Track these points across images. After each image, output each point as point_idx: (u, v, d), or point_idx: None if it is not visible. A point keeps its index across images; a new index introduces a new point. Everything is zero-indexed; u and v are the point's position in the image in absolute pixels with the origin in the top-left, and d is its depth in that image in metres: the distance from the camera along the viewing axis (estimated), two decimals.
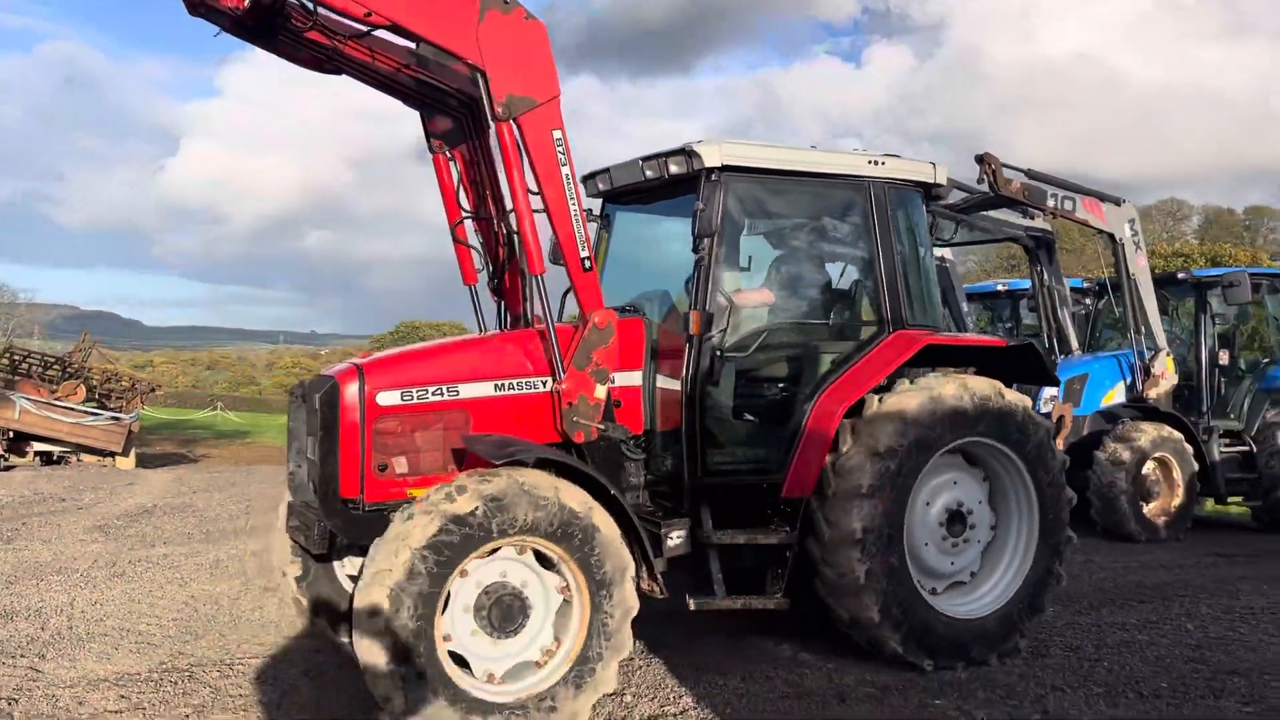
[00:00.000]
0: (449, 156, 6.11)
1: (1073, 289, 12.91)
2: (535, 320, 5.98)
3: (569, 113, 5.28)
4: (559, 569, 4.80)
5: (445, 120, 6.03)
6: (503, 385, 5.39)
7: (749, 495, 5.98)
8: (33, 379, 23.07)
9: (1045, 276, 12.16)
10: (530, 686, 4.68)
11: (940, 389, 5.76)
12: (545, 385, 5.43)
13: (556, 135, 5.20)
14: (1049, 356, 10.20)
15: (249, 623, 6.72)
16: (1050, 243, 12.12)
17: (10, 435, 19.82)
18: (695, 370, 5.70)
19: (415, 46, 5.55)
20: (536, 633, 4.81)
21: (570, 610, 4.80)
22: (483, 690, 4.60)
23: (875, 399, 5.74)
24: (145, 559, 8.86)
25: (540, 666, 4.76)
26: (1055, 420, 10.60)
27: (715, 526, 5.72)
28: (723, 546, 5.73)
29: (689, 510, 5.75)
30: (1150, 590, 8.10)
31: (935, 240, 9.40)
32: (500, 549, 4.70)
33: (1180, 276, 12.26)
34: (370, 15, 4.91)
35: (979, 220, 11.12)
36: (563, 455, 5.06)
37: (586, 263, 5.38)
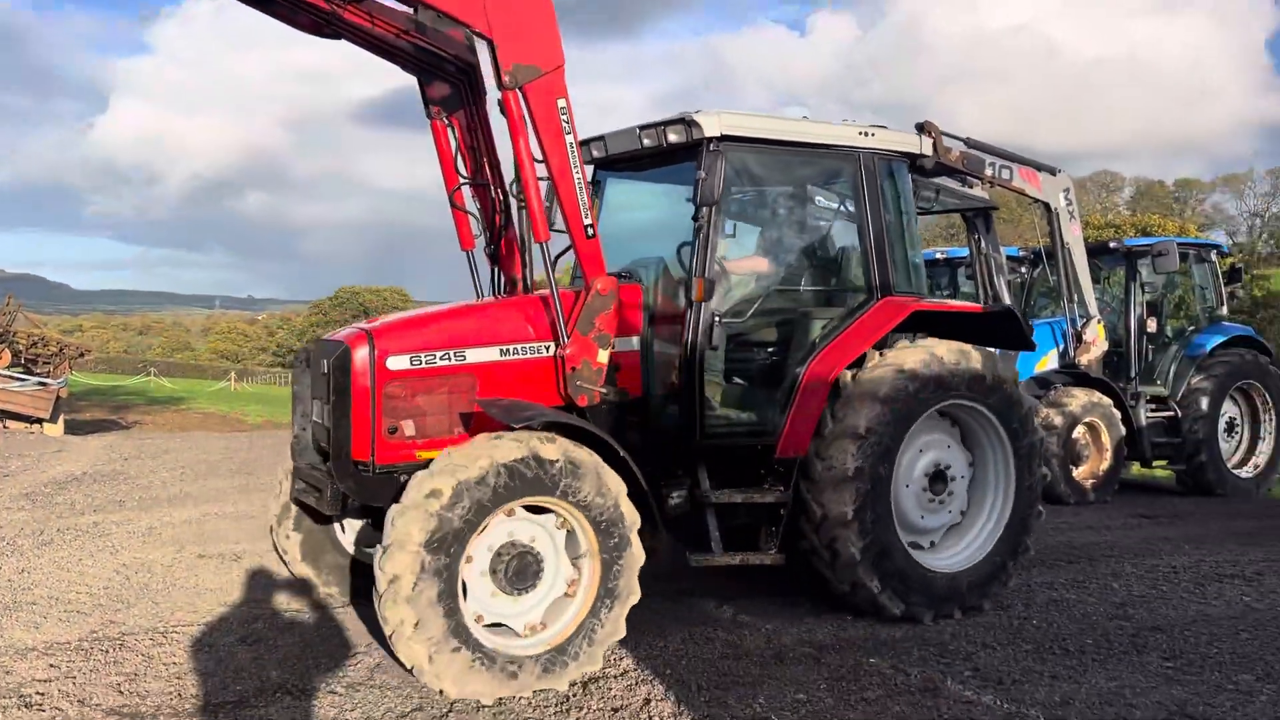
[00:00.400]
0: (446, 123, 6.14)
1: (1009, 258, 13.11)
2: (533, 285, 6.17)
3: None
4: (574, 530, 5.00)
5: (443, 86, 6.05)
6: (508, 350, 5.51)
7: (743, 456, 6.14)
8: None
9: (983, 245, 12.29)
10: (547, 640, 4.92)
11: (935, 351, 6.04)
12: (549, 350, 5.56)
13: (561, 104, 5.30)
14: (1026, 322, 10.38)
15: (183, 590, 6.61)
16: (988, 212, 12.29)
17: None
18: (695, 335, 5.86)
19: (413, 12, 5.52)
20: (551, 584, 5.04)
21: (580, 561, 5.02)
22: (505, 645, 4.83)
23: (876, 354, 6.01)
24: (74, 527, 8.66)
25: (563, 614, 5.00)
26: None
27: (712, 487, 5.91)
28: (720, 505, 5.90)
29: (687, 471, 5.93)
30: (1078, 550, 8.34)
31: (918, 209, 9.55)
32: (514, 511, 4.90)
33: (1112, 246, 12.54)
34: None
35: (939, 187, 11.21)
36: (576, 419, 5.19)
37: (589, 230, 5.49)
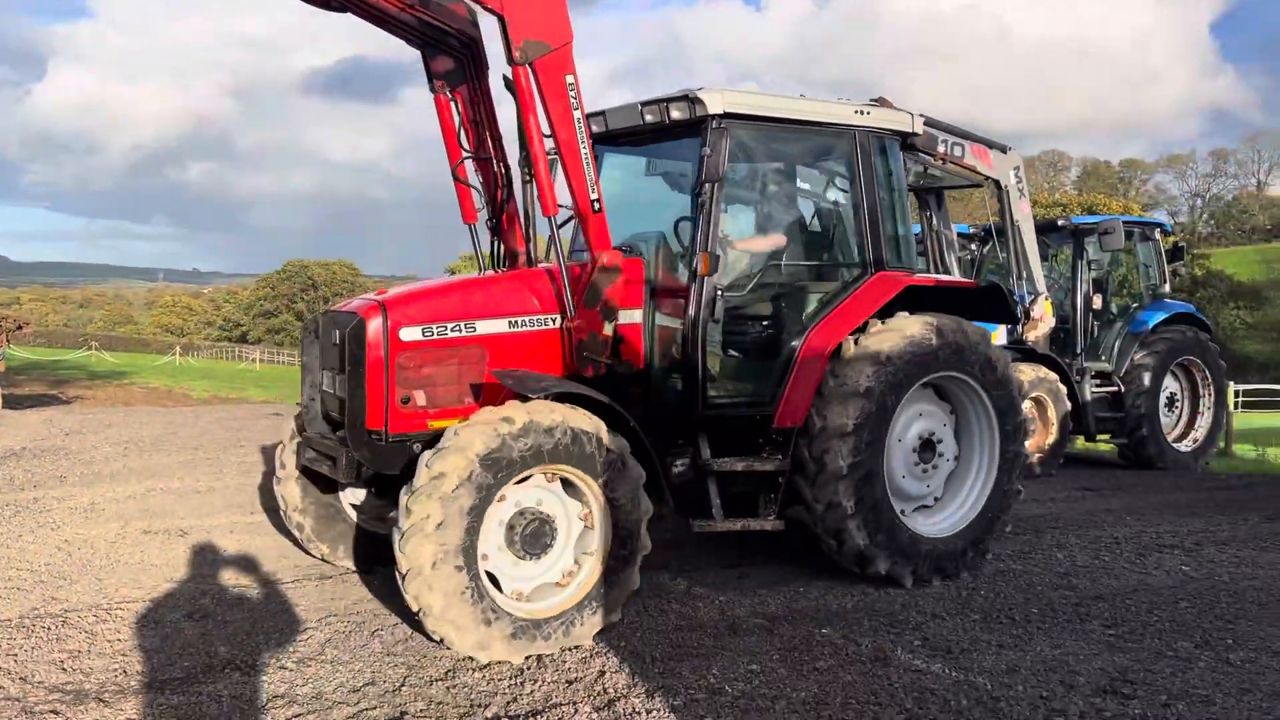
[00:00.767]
0: (450, 97, 6.17)
1: (959, 234, 13.25)
2: (536, 259, 6.31)
3: None
4: (582, 494, 5.16)
5: (447, 60, 6.08)
6: (517, 322, 5.62)
7: (742, 426, 6.29)
8: None
9: (934, 222, 12.43)
10: (564, 600, 5.10)
11: (928, 322, 6.28)
12: (555, 322, 5.68)
13: (569, 80, 5.38)
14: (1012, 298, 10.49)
15: (127, 566, 6.48)
16: (940, 190, 12.40)
17: None
18: (698, 309, 5.96)
19: None
20: (563, 549, 5.22)
21: (591, 530, 5.18)
22: (516, 607, 4.97)
23: (878, 323, 6.22)
24: (13, 503, 8.44)
25: (567, 583, 5.17)
26: None
27: (711, 456, 6.07)
28: (721, 473, 6.05)
29: (688, 440, 6.08)
30: (1023, 522, 8.48)
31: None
32: (531, 477, 5.03)
33: (1060, 224, 12.72)
34: None
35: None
36: (590, 390, 5.28)
37: (596, 204, 5.59)
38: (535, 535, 5.08)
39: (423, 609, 4.71)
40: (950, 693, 4.53)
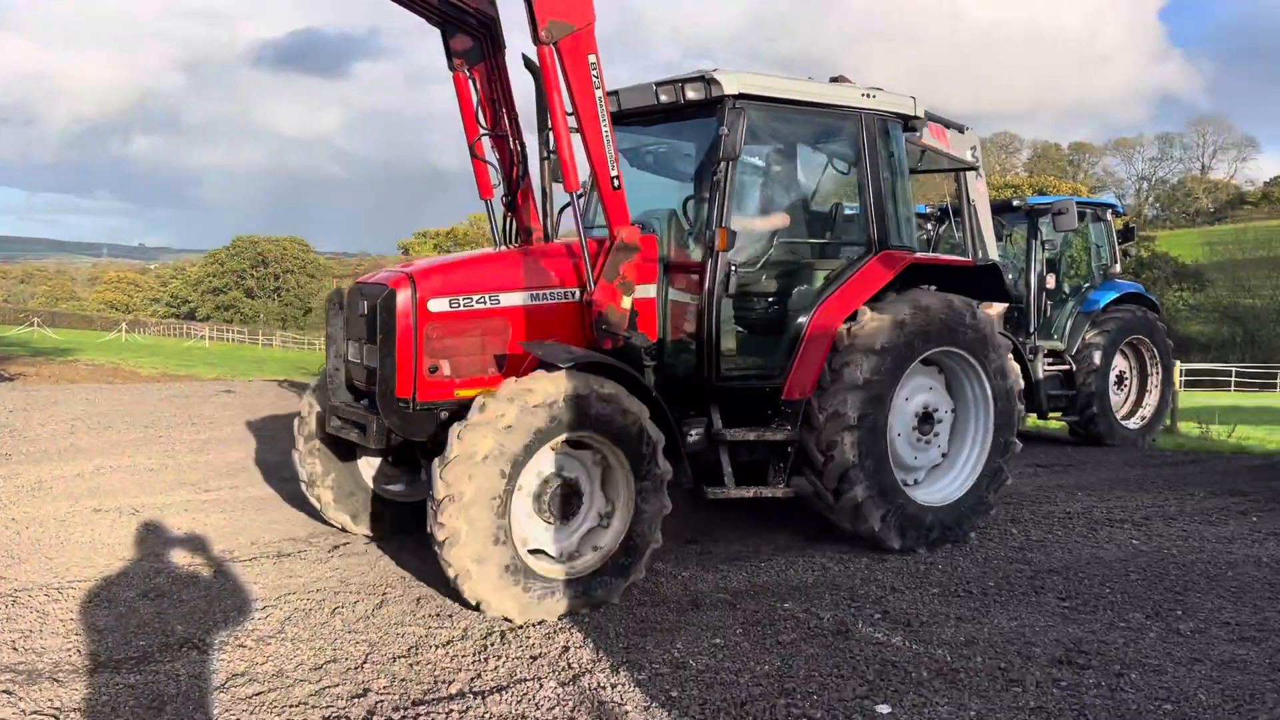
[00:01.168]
0: (468, 75, 6.29)
1: (916, 214, 13.33)
2: (553, 234, 6.44)
3: (411, 26, 5.29)
4: (605, 459, 5.38)
5: (465, 39, 6.20)
6: (538, 295, 5.79)
7: (751, 398, 6.51)
8: None
9: None
10: (593, 560, 5.32)
11: (925, 300, 6.57)
12: (574, 296, 5.85)
13: (592, 59, 5.50)
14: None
15: (78, 545, 6.35)
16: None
17: None
18: (713, 284, 6.16)
19: None
20: (587, 513, 5.43)
21: (615, 493, 5.42)
22: (546, 569, 5.18)
23: (876, 302, 6.46)
24: None
25: (594, 543, 5.41)
26: None
27: (723, 426, 6.30)
28: (733, 443, 6.27)
29: (699, 411, 6.31)
30: None
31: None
32: (558, 444, 5.19)
33: (1015, 204, 12.85)
34: None
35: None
36: (617, 362, 5.49)
37: (615, 181, 5.71)
38: (562, 500, 5.29)
39: (460, 576, 4.90)
40: (911, 664, 4.59)
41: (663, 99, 6.39)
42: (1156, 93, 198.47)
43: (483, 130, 6.38)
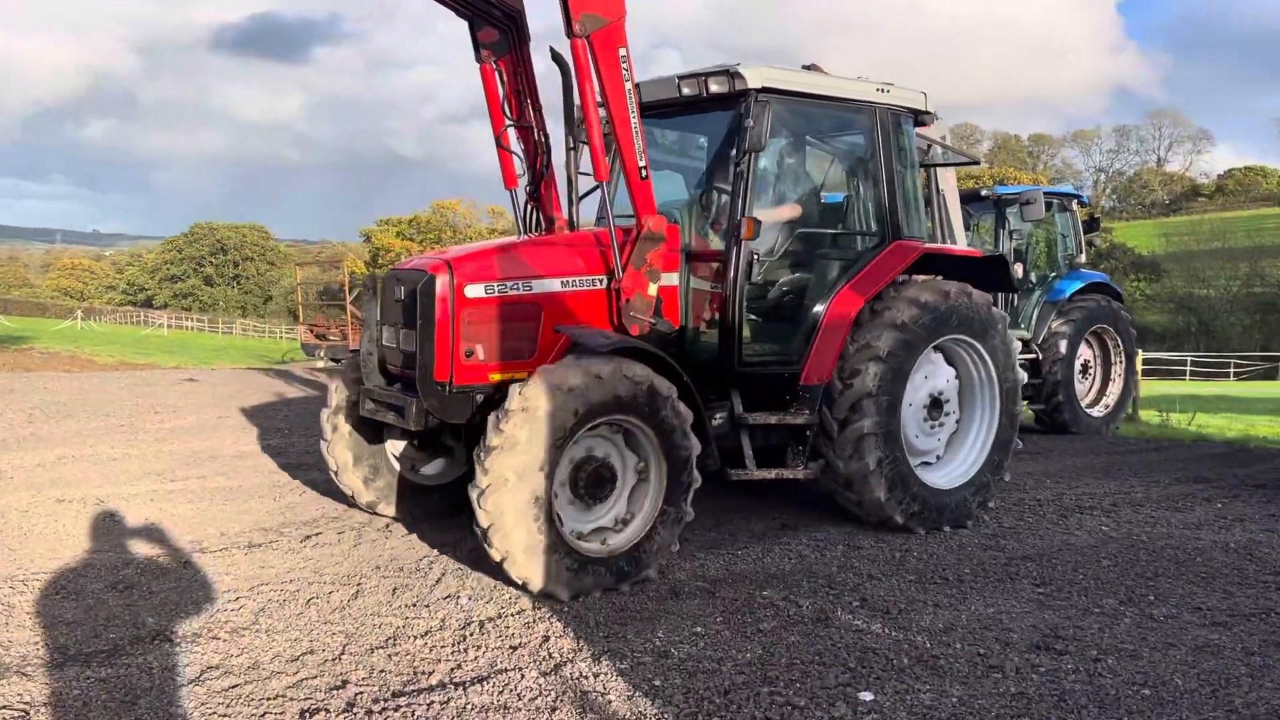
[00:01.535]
0: (494, 67, 6.42)
1: None
2: (564, 223, 6.68)
3: (372, 10, 5.27)
4: (636, 439, 5.51)
5: (491, 32, 6.32)
6: (569, 282, 5.92)
7: (769, 383, 6.70)
8: None
9: (861, 192, 12.52)
10: (630, 537, 5.48)
11: (938, 289, 6.78)
12: (602, 283, 6.00)
13: (622, 52, 5.62)
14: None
15: (42, 536, 6.21)
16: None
17: None
18: (737, 272, 6.33)
19: None
20: (619, 494, 5.60)
21: (647, 473, 5.56)
22: (585, 548, 5.33)
23: (890, 290, 6.73)
24: None
25: (630, 520, 5.56)
26: None
27: (744, 410, 6.50)
28: (754, 426, 6.48)
29: (720, 396, 6.47)
30: None
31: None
32: (595, 427, 5.34)
33: (983, 194, 12.93)
34: None
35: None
36: (651, 347, 5.67)
37: (643, 171, 5.85)
38: (598, 481, 5.44)
39: (506, 559, 5.03)
40: (891, 651, 4.60)
41: (685, 92, 6.53)
42: (1113, 85, 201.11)
43: (508, 121, 6.52)
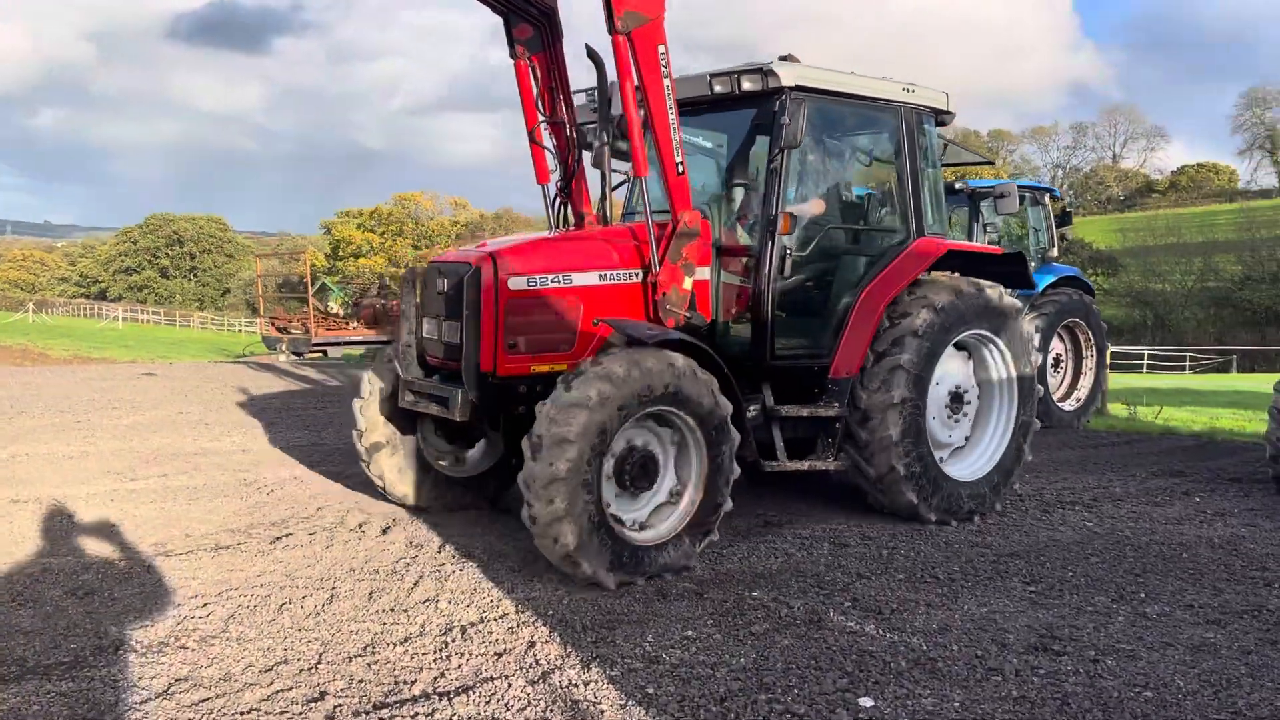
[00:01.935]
0: (529, 63, 6.49)
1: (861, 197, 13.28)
2: (594, 219, 6.78)
3: (333, 1, 5.11)
4: (678, 428, 5.57)
5: (527, 28, 6.38)
6: (606, 275, 6.01)
7: (799, 376, 6.80)
8: None
9: None
10: (674, 524, 5.55)
11: (960, 286, 6.91)
12: (638, 277, 6.08)
13: (661, 50, 5.70)
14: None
15: None
16: None
17: None
18: (770, 267, 6.44)
19: None
20: (662, 483, 5.65)
21: (688, 462, 5.63)
22: (635, 535, 5.43)
23: (915, 286, 6.87)
24: None
25: (673, 508, 5.64)
26: None
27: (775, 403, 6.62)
28: (785, 418, 6.58)
29: (751, 388, 6.51)
30: None
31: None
32: (640, 418, 5.40)
33: (957, 187, 12.87)
34: None
35: None
36: (694, 339, 5.73)
37: (680, 167, 5.95)
38: (642, 470, 5.50)
39: (557, 550, 5.09)
40: (888, 654, 4.47)
41: (716, 89, 6.57)
42: (1071, 83, 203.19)
43: (541, 117, 6.59)
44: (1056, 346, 13.15)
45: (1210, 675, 4.34)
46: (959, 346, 7.12)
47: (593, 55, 6.31)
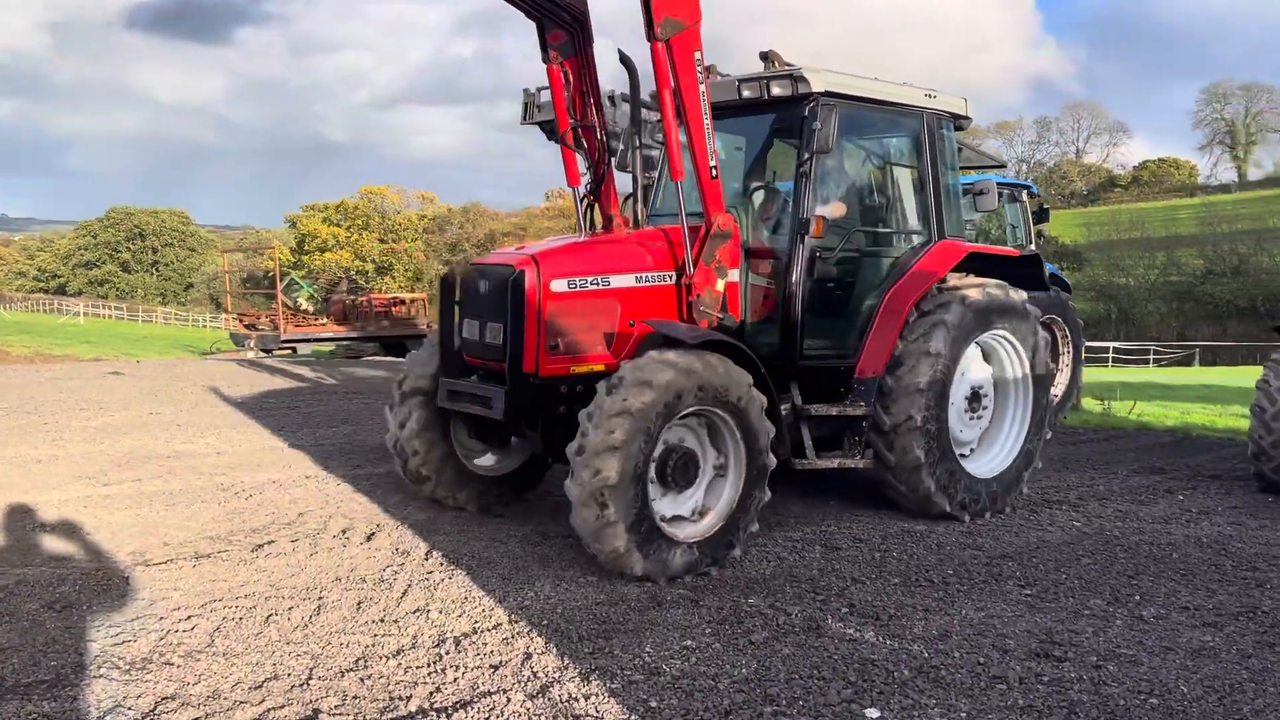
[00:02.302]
0: (561, 68, 6.57)
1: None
2: (622, 221, 6.91)
3: None
4: (717, 428, 5.69)
5: (560, 34, 6.49)
6: (642, 278, 6.12)
7: (825, 375, 6.94)
8: None
9: None
10: (715, 521, 5.67)
11: (981, 288, 7.06)
12: (671, 279, 6.20)
13: (697, 55, 5.81)
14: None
15: None
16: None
17: None
18: (800, 269, 6.56)
19: None
20: (701, 480, 5.76)
21: (726, 460, 5.75)
22: (676, 533, 5.52)
23: (937, 288, 6.98)
24: None
25: (714, 505, 5.75)
26: None
27: (803, 402, 6.74)
28: (814, 417, 6.70)
29: (780, 387, 6.50)
30: None
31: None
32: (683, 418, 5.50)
33: None
34: None
35: None
36: (735, 341, 5.85)
37: (714, 170, 6.06)
38: (684, 469, 5.58)
39: (609, 553, 5.22)
40: (890, 663, 4.41)
41: (745, 94, 6.67)
42: (1034, 78, 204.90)
43: (573, 121, 6.67)
44: None
45: (1213, 680, 4.32)
46: (978, 347, 7.23)
47: (626, 61, 6.45)
